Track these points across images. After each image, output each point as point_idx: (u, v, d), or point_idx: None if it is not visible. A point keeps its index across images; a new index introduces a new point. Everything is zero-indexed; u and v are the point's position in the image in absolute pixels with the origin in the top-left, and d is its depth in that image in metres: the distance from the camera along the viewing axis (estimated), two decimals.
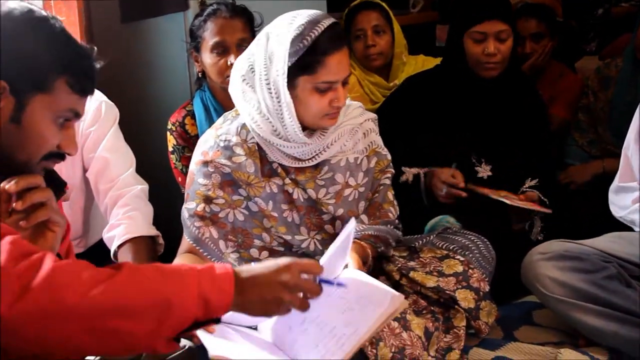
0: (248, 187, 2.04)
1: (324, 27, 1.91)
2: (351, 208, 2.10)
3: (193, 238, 2.04)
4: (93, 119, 2.25)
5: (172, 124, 2.64)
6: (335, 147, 2.08)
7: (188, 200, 2.05)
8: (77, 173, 2.28)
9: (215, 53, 2.52)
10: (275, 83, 1.93)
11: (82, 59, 1.39)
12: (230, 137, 2.04)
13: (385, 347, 1.83)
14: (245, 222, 2.06)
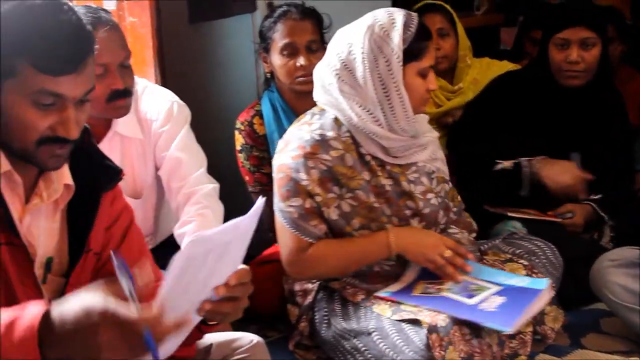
0: (349, 181, 2.06)
1: (417, 16, 2.04)
2: (434, 210, 2.14)
3: (314, 238, 2.07)
4: (165, 118, 2.29)
5: (240, 124, 2.68)
6: (427, 152, 2.15)
7: (290, 197, 2.06)
8: (150, 173, 2.32)
9: (285, 54, 2.56)
10: (386, 73, 1.99)
11: (45, 38, 1.31)
12: (326, 132, 2.07)
13: (454, 352, 1.83)
14: (340, 221, 2.07)
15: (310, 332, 2.19)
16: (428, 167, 2.17)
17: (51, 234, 1.49)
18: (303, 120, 2.15)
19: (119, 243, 1.59)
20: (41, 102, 1.33)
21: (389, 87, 2.00)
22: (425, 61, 2.03)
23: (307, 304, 2.19)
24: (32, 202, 1.44)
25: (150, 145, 2.30)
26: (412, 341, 1.85)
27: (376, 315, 1.98)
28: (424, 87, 2.04)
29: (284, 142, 2.12)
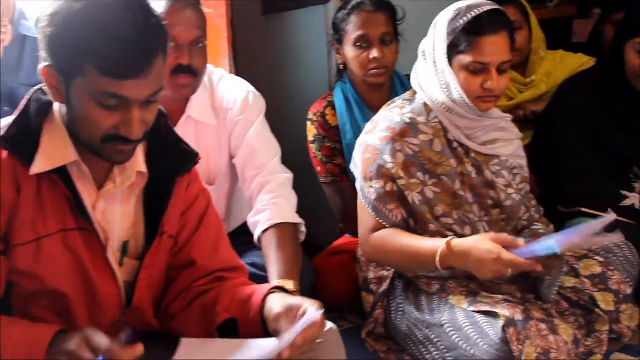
0: (435, 167, 2.07)
1: (481, 11, 1.98)
2: (516, 205, 2.14)
3: (390, 224, 2.06)
4: (241, 108, 2.32)
5: (313, 114, 2.71)
6: (512, 148, 2.15)
7: (372, 179, 2.06)
8: (224, 159, 2.36)
9: (358, 46, 2.57)
10: (439, 63, 2.02)
11: (112, 42, 1.33)
12: (416, 116, 2.08)
13: (531, 347, 1.82)
14: (420, 206, 2.07)
15: (385, 320, 2.21)
16: (510, 162, 2.16)
17: (126, 218, 1.54)
18: (394, 104, 2.16)
19: (196, 227, 1.63)
20: (105, 104, 1.37)
21: (444, 75, 2.02)
22: (475, 56, 1.98)
23: (382, 292, 2.20)
24: (105, 187, 1.49)
25: (225, 132, 2.33)
26: (486, 334, 1.85)
27: (450, 307, 1.98)
28: (476, 84, 2.00)
29: (372, 124, 2.14)
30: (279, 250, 2.11)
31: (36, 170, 1.41)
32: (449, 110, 2.06)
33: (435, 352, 2.02)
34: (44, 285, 1.44)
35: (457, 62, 2.01)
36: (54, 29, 1.35)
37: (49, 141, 1.44)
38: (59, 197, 1.44)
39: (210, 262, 1.63)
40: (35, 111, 1.46)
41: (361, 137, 2.16)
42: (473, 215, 2.10)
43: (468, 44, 1.98)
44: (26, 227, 1.42)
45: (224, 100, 2.34)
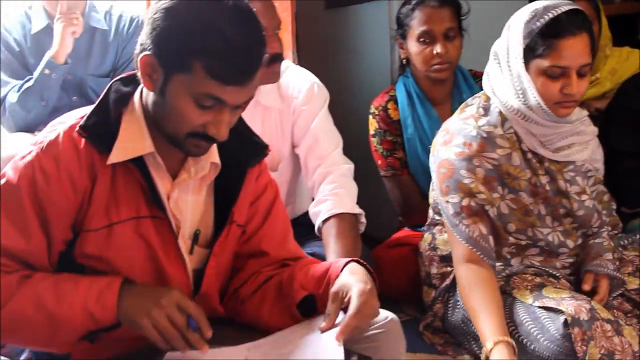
0: (513, 181, 2.02)
1: (559, 12, 1.89)
2: (588, 214, 2.08)
3: (465, 237, 1.99)
4: (306, 97, 2.35)
5: (375, 108, 2.72)
6: (588, 152, 2.08)
7: (449, 193, 2.01)
8: (287, 146, 2.39)
9: (422, 42, 2.57)
10: (515, 67, 1.95)
11: (227, 47, 1.33)
12: (492, 129, 2.01)
13: (595, 348, 1.80)
14: (499, 221, 2.03)
15: (443, 315, 2.21)
16: (585, 167, 2.09)
17: (197, 207, 1.56)
18: (468, 111, 2.09)
19: (264, 217, 1.65)
20: (202, 103, 1.38)
21: (520, 81, 1.95)
22: (553, 60, 1.89)
23: (444, 287, 2.20)
24: (180, 177, 1.52)
25: (289, 120, 2.36)
26: (547, 330, 1.84)
27: (510, 302, 1.97)
28: (554, 89, 1.91)
29: (447, 134, 2.06)
30: (338, 240, 2.13)
31: (113, 160, 1.44)
32: (524, 117, 1.98)
33: None
34: (114, 271, 1.47)
35: (534, 66, 1.92)
36: (169, 22, 1.35)
37: (127, 131, 1.46)
38: (133, 185, 1.47)
39: (279, 252, 1.65)
40: (114, 101, 1.49)
41: (436, 149, 2.10)
42: (545, 228, 2.05)
43: (546, 47, 1.89)
44: (99, 213, 1.45)
45: (289, 88, 2.37)
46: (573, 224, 2.08)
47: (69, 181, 1.42)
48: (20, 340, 1.46)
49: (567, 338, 1.80)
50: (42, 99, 2.62)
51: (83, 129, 1.44)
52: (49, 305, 1.38)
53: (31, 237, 1.42)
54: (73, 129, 1.45)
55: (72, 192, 1.43)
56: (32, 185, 1.42)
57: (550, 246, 2.06)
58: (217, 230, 1.57)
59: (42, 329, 1.39)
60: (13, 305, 1.38)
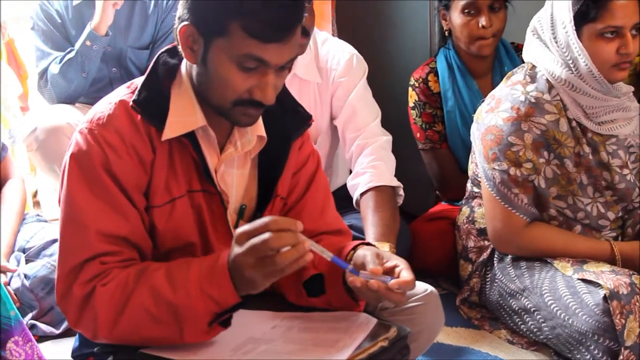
0: (559, 147, 2.01)
1: None
2: (629, 187, 2.06)
3: (513, 205, 2.02)
4: (344, 69, 2.34)
5: (415, 80, 2.69)
6: (631, 127, 2.05)
7: (496, 160, 2.02)
8: (325, 119, 2.38)
9: (466, 13, 2.52)
10: (564, 38, 1.93)
11: (264, 3, 1.31)
12: (541, 95, 2.00)
13: (635, 321, 1.78)
14: (545, 189, 2.03)
15: (480, 289, 2.20)
16: (628, 141, 2.07)
17: (242, 181, 1.54)
18: (515, 78, 2.08)
19: (305, 189, 1.63)
20: (245, 65, 1.35)
21: (569, 50, 1.93)
22: (607, 21, 1.89)
23: (481, 261, 2.19)
24: (226, 151, 1.50)
25: (327, 92, 2.35)
26: (586, 304, 1.82)
27: (552, 274, 1.96)
28: (610, 50, 1.91)
29: (494, 100, 2.06)
30: (376, 213, 2.12)
31: (168, 136, 1.42)
32: (572, 87, 1.97)
33: (530, 322, 2.01)
34: (179, 242, 1.47)
35: (587, 31, 1.92)
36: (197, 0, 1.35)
37: (178, 105, 1.44)
38: (187, 159, 1.46)
39: (317, 224, 1.62)
40: (163, 74, 1.47)
41: (481, 115, 2.09)
42: (586, 199, 2.04)
43: (599, 9, 1.89)
44: (162, 189, 1.44)
45: (328, 60, 2.36)
46: (614, 197, 2.05)
47: (135, 154, 1.41)
48: (149, 339, 1.36)
49: (606, 313, 1.78)
50: (83, 71, 2.64)
51: (136, 104, 1.43)
52: (168, 296, 1.32)
53: (128, 215, 1.40)
54: (128, 103, 1.44)
55: (140, 165, 1.42)
56: (105, 162, 1.39)
57: (590, 218, 2.04)
58: (260, 203, 1.56)
59: (168, 323, 1.32)
60: (134, 304, 1.33)
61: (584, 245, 2.01)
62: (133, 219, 1.40)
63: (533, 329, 2.01)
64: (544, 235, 2.04)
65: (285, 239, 1.25)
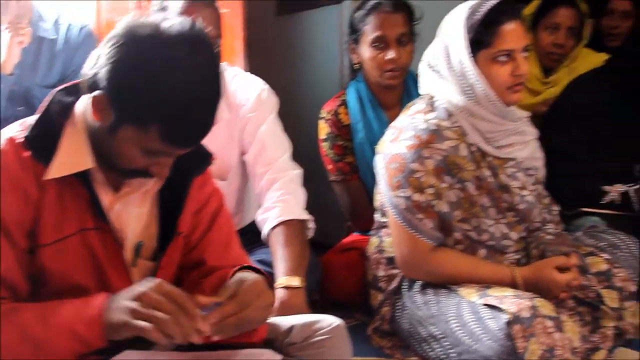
0: (460, 171, 2.07)
1: (493, 2, 2.01)
2: (529, 208, 2.14)
3: (419, 230, 2.06)
4: (254, 104, 2.36)
5: (326, 113, 2.73)
6: (528, 150, 2.16)
7: (400, 188, 2.06)
8: (235, 155, 2.39)
9: (375, 47, 2.58)
10: (459, 65, 2.02)
11: (188, 114, 1.32)
12: (441, 122, 2.08)
13: (536, 344, 1.83)
14: (448, 213, 2.08)
15: (391, 317, 2.23)
16: (526, 164, 2.17)
17: (140, 219, 1.54)
18: (415, 108, 2.15)
19: (207, 226, 1.63)
20: (151, 154, 1.37)
21: (465, 78, 2.03)
22: (500, 45, 2.00)
23: (391, 289, 2.22)
24: (122, 191, 1.49)
25: (237, 128, 2.36)
26: (490, 330, 1.87)
27: (457, 301, 2.01)
28: (505, 73, 2.02)
29: (396, 131, 2.12)
30: (286, 247, 2.13)
31: (53, 175, 1.41)
32: (471, 113, 2.06)
33: (439, 349, 2.05)
34: (72, 281, 1.45)
35: (482, 57, 2.01)
36: (128, 71, 1.31)
37: (69, 145, 1.43)
38: (80, 197, 1.44)
39: (222, 261, 1.63)
40: (57, 112, 1.46)
41: (384, 145, 2.15)
42: (489, 220, 2.10)
43: (491, 35, 2.00)
44: (51, 227, 1.42)
45: (237, 96, 2.37)
46: (515, 217, 2.13)
47: (20, 192, 1.39)
48: None
49: (509, 337, 1.83)
50: None
51: (26, 142, 1.41)
52: (35, 332, 1.32)
53: (7, 254, 1.38)
54: (16, 140, 1.42)
55: (25, 203, 1.40)
56: None
57: (494, 239, 2.11)
58: (161, 242, 1.55)
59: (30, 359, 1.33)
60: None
61: (487, 271, 2.07)
62: (9, 258, 1.38)
63: (441, 356, 2.05)
64: (449, 260, 2.09)
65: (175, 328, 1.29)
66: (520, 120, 2.15)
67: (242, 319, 1.42)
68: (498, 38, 2.00)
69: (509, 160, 2.13)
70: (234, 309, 1.41)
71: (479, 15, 2.00)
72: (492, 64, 2.01)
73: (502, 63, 2.01)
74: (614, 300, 2.08)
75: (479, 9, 2.01)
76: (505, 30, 2.00)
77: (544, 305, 1.89)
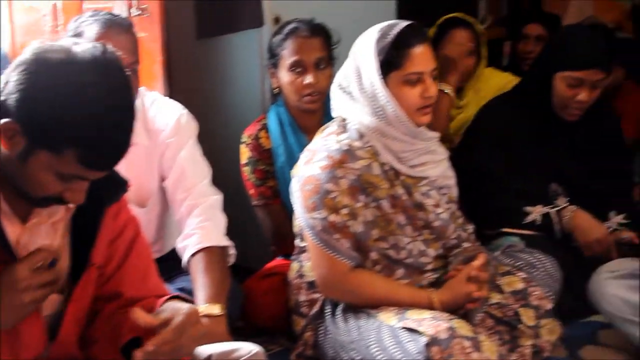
0: (375, 190, 2.09)
1: (403, 26, 2.07)
2: (444, 225, 2.18)
3: (337, 250, 2.07)
4: (173, 129, 2.33)
5: (247, 137, 2.72)
6: (440, 169, 2.20)
7: (315, 209, 2.07)
8: (155, 181, 2.36)
9: (293, 72, 2.59)
10: (370, 87, 2.06)
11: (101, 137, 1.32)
12: (353, 142, 2.10)
13: None
14: (364, 233, 2.09)
15: (314, 342, 2.23)
16: (439, 182, 2.21)
17: None
18: (328, 130, 2.18)
19: (123, 256, 1.61)
20: (65, 178, 1.36)
21: (377, 99, 2.06)
22: (410, 67, 2.05)
23: (313, 314, 2.22)
24: (30, 221, 1.46)
25: (156, 154, 2.34)
26: (409, 353, 1.88)
27: (377, 325, 2.01)
28: (415, 95, 2.06)
29: (310, 153, 2.14)
30: (206, 275, 2.10)
31: None
32: (382, 134, 2.10)
33: None
34: None
35: (393, 79, 2.06)
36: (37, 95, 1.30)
37: None
38: None
39: (140, 291, 1.61)
40: None
41: (299, 168, 2.16)
42: (406, 238, 2.13)
43: (402, 57, 2.04)
44: None
45: (156, 122, 2.35)
46: (432, 235, 2.17)
47: None
48: None
49: (428, 359, 1.84)
50: None
51: None
52: None
53: None
54: None
55: None
56: None
57: (412, 256, 2.13)
58: (73, 273, 1.52)
59: None
60: None
61: (405, 294, 2.09)
62: None
63: None
64: (368, 282, 2.10)
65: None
66: (431, 139, 2.20)
67: (176, 348, 1.42)
68: (408, 61, 2.04)
69: (422, 178, 2.18)
70: (171, 337, 1.41)
71: (389, 38, 2.05)
72: (403, 86, 2.06)
73: (412, 85, 2.06)
74: (530, 319, 2.13)
75: (389, 32, 2.06)
76: (414, 53, 2.05)
77: (462, 326, 1.92)
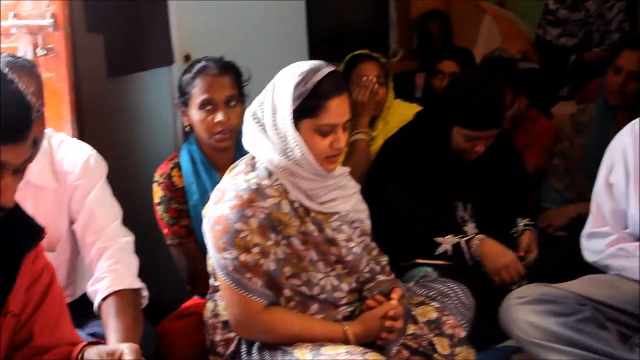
0: (285, 228, 2.09)
1: (324, 74, 2.05)
2: (357, 259, 2.20)
3: (250, 290, 2.05)
4: (82, 171, 2.29)
5: (159, 176, 2.68)
6: (351, 203, 2.22)
7: (226, 249, 2.06)
8: (64, 225, 2.31)
9: (203, 110, 2.58)
10: (283, 127, 2.06)
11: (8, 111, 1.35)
12: (261, 180, 2.10)
13: None
14: (276, 271, 2.08)
15: None
16: (350, 216, 2.22)
17: None
18: (237, 169, 2.17)
19: (39, 302, 1.57)
20: None
21: (287, 140, 2.07)
22: (324, 119, 2.05)
23: (229, 353, 2.19)
24: None
25: (65, 196, 2.29)
26: None
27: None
28: (325, 144, 2.07)
29: (219, 192, 2.13)
30: (117, 319, 2.07)
31: None
32: (291, 173, 2.10)
33: None
34: None
35: (305, 125, 2.05)
36: None
37: None
38: None
39: (52, 339, 1.58)
40: None
41: (209, 208, 2.15)
42: (319, 274, 2.13)
43: (318, 108, 2.04)
44: None
45: (64, 163, 2.31)
46: (345, 269, 2.18)
47: None
48: None
49: None
50: None
51: None
52: None
53: None
54: None
55: None
56: None
57: (325, 292, 2.14)
58: None
59: None
60: None
61: (320, 329, 2.09)
62: None
63: None
64: (282, 319, 2.09)
65: None
66: (341, 175, 2.22)
67: None
68: (323, 112, 2.04)
69: (333, 214, 2.19)
70: None
71: (308, 85, 2.04)
72: (314, 134, 2.06)
73: (323, 136, 2.07)
74: (445, 348, 2.17)
75: (310, 79, 2.04)
76: (331, 105, 2.05)
77: (377, 359, 1.93)
